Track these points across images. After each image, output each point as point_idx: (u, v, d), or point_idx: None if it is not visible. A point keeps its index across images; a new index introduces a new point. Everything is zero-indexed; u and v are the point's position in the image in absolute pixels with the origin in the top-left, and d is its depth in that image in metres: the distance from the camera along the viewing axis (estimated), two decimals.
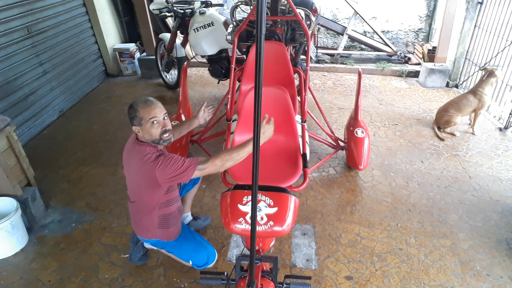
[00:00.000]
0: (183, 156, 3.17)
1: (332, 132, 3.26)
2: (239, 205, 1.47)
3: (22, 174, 2.68)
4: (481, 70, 3.58)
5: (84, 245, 2.39)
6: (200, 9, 3.91)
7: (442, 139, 3.53)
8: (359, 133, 2.93)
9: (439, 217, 2.60)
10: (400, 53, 5.54)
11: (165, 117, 1.73)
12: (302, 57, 3.26)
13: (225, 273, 1.53)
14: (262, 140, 1.74)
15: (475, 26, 4.39)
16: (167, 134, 1.73)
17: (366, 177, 3.01)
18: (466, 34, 4.47)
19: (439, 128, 3.66)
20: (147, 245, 2.13)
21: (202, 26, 3.76)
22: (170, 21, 5.12)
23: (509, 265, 2.22)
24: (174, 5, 4.02)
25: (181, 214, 2.00)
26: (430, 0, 5.44)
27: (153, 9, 4.10)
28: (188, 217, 2.40)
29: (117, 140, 3.57)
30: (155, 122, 1.68)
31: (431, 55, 5.06)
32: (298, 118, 2.54)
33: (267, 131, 1.75)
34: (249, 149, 1.67)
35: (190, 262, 1.96)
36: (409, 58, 5.45)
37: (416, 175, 3.02)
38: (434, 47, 5.00)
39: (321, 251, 2.32)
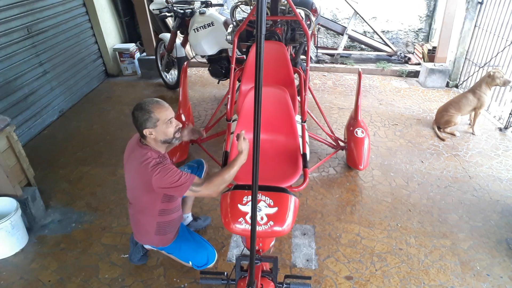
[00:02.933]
0: (183, 157, 3.19)
1: (332, 132, 3.26)
2: (239, 205, 1.47)
3: (22, 174, 2.68)
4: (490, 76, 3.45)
5: (84, 245, 2.39)
6: (200, 9, 3.91)
7: (442, 139, 3.52)
8: (359, 133, 2.93)
9: (439, 217, 2.60)
10: (400, 53, 5.54)
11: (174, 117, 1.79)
12: (302, 57, 3.26)
13: (225, 273, 1.53)
14: (245, 158, 1.75)
15: (475, 26, 4.39)
16: (179, 133, 1.79)
17: (366, 177, 3.01)
18: (466, 34, 4.47)
19: (439, 128, 3.66)
20: (146, 246, 2.13)
21: (202, 26, 3.76)
22: (170, 21, 5.12)
23: (509, 265, 2.22)
24: (174, 5, 4.02)
25: (180, 221, 1.99)
26: (430, 0, 5.44)
27: (153, 9, 4.10)
28: (189, 218, 2.40)
29: (117, 140, 3.57)
30: (172, 122, 1.73)
31: (431, 55, 5.06)
32: (298, 118, 2.54)
33: (247, 148, 1.76)
34: (236, 168, 1.71)
35: (190, 262, 1.97)
36: (409, 58, 5.45)
37: (416, 175, 3.02)
38: (434, 47, 5.00)
39: (321, 251, 2.32)
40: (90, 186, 2.94)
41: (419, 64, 5.26)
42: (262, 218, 1.45)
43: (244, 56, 3.22)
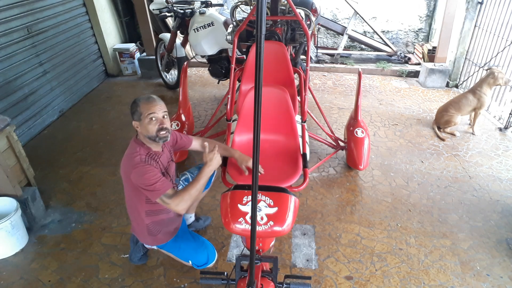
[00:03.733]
0: (183, 157, 3.19)
1: (332, 132, 3.26)
2: (239, 205, 1.47)
3: (22, 174, 2.68)
4: (487, 70, 3.53)
5: (84, 245, 2.39)
6: (200, 9, 3.91)
7: (442, 139, 3.52)
8: (359, 133, 2.93)
9: (439, 217, 2.60)
10: (400, 53, 5.54)
11: (165, 116, 1.76)
12: (302, 57, 3.25)
13: (225, 273, 1.53)
14: (211, 170, 1.78)
15: (475, 26, 4.39)
16: (164, 132, 1.75)
17: (366, 177, 3.01)
18: (466, 34, 4.47)
19: (439, 128, 3.66)
20: (147, 246, 2.13)
21: (202, 26, 3.76)
22: (170, 21, 5.12)
23: (509, 265, 2.22)
24: (174, 5, 4.02)
25: (174, 223, 1.98)
26: (430, 0, 5.44)
27: (153, 9, 4.10)
28: (192, 218, 2.41)
29: (117, 140, 3.57)
30: (153, 118, 1.71)
31: (431, 55, 5.06)
32: (298, 118, 2.54)
33: (214, 159, 1.78)
34: (202, 181, 1.74)
35: (190, 262, 1.97)
36: (409, 58, 5.45)
37: (416, 175, 3.02)
38: (434, 47, 5.00)
39: (321, 251, 2.32)
40: (90, 186, 2.94)
41: (419, 64, 5.26)
42: (262, 218, 1.45)
43: (244, 56, 3.22)
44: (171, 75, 4.77)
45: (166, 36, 4.38)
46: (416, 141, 3.51)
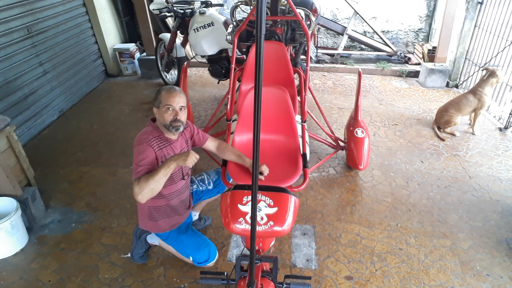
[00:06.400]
0: None
1: (332, 132, 3.26)
2: (239, 205, 1.47)
3: (22, 174, 2.68)
4: (483, 70, 3.57)
5: (84, 245, 2.39)
6: (200, 9, 3.91)
7: (442, 139, 3.52)
8: (359, 133, 2.93)
9: (439, 217, 2.60)
10: (400, 53, 5.54)
11: (182, 109, 1.83)
12: (302, 57, 3.26)
13: (225, 273, 1.53)
14: (174, 163, 1.72)
15: (475, 26, 4.39)
16: (177, 123, 1.82)
17: (366, 177, 3.01)
18: (466, 34, 4.47)
19: (439, 128, 3.66)
20: (150, 241, 2.14)
21: (202, 26, 3.76)
22: (170, 21, 5.12)
23: (509, 265, 2.22)
24: (174, 5, 4.02)
25: (174, 212, 1.98)
26: (430, 0, 5.44)
27: (153, 9, 4.10)
28: (196, 216, 2.42)
29: (117, 140, 3.57)
30: (170, 108, 1.79)
31: (431, 55, 5.06)
32: (298, 118, 2.54)
33: (188, 158, 1.73)
34: (161, 173, 1.67)
35: (191, 258, 1.98)
36: (409, 58, 5.45)
37: (416, 175, 3.02)
38: (434, 47, 5.00)
39: (321, 251, 2.32)
40: (90, 186, 2.94)
41: (419, 64, 5.26)
42: (262, 218, 1.44)
43: (244, 56, 3.22)
44: (171, 75, 4.77)
45: (166, 36, 4.38)
46: (416, 141, 3.51)
